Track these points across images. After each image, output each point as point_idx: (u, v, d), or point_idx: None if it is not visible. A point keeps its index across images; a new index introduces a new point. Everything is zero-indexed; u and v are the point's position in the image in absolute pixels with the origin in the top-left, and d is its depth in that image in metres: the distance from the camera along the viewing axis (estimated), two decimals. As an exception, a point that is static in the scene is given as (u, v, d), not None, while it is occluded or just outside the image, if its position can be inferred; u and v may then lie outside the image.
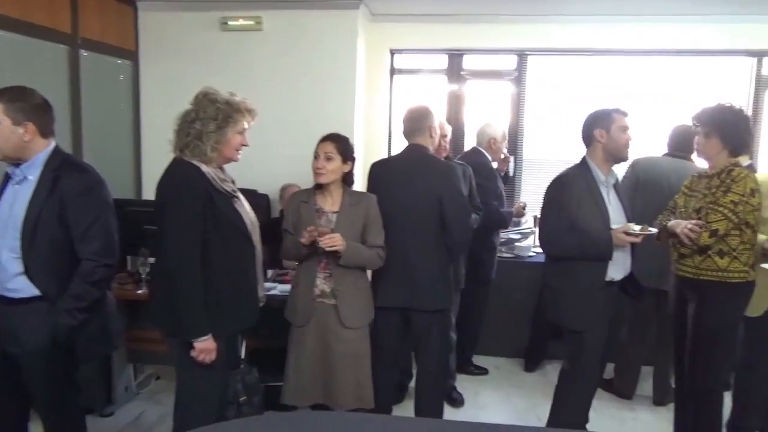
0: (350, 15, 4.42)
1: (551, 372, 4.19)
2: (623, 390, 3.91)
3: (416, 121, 3.05)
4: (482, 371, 4.29)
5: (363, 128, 4.82)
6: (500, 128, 4.07)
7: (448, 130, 3.71)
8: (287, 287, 3.36)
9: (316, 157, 2.71)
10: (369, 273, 2.93)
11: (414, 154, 3.02)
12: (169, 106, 2.42)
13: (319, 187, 2.76)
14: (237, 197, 2.40)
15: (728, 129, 2.69)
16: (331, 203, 2.76)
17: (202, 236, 2.24)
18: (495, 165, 4.03)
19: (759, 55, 4.62)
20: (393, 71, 5.06)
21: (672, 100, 4.68)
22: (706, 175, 2.81)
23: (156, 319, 2.38)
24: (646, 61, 4.76)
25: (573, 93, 4.86)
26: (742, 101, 4.67)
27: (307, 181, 4.32)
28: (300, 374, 2.74)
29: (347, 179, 2.79)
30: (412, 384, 3.41)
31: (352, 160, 2.76)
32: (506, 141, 4.11)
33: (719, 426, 2.89)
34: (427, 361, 3.05)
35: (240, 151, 2.39)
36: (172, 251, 2.24)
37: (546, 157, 4.94)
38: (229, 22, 4.47)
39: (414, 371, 3.32)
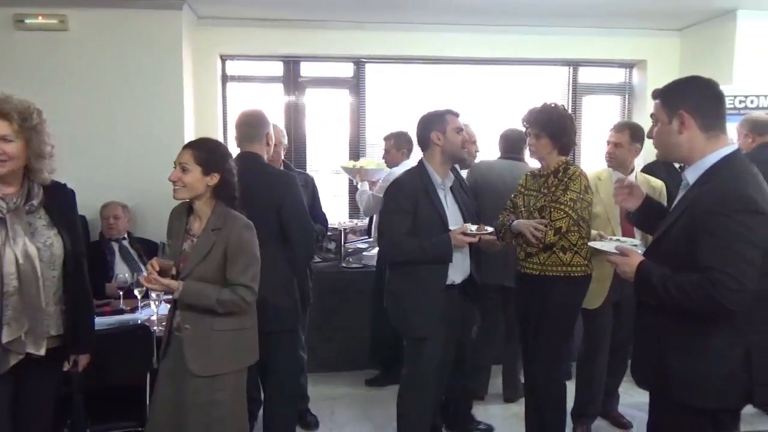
0: (172, 16, 4.06)
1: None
2: (476, 390, 3.94)
3: (252, 127, 2.82)
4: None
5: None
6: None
7: (284, 136, 3.53)
8: (108, 319, 2.96)
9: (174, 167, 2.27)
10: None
11: (249, 162, 2.76)
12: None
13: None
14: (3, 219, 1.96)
15: (556, 129, 2.80)
16: (198, 225, 2.28)
17: None
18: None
19: (574, 64, 5.03)
20: (225, 78, 4.77)
21: (499, 106, 4.91)
22: (540, 174, 2.89)
23: None
24: (475, 69, 4.96)
25: (410, 101, 4.90)
26: (561, 107, 5.03)
27: (131, 198, 3.94)
28: (151, 423, 2.30)
29: (221, 195, 2.27)
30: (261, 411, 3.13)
31: (220, 171, 2.23)
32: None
33: (564, 415, 2.98)
34: (276, 385, 2.85)
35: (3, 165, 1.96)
36: None
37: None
38: (26, 20, 3.91)
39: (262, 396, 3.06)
